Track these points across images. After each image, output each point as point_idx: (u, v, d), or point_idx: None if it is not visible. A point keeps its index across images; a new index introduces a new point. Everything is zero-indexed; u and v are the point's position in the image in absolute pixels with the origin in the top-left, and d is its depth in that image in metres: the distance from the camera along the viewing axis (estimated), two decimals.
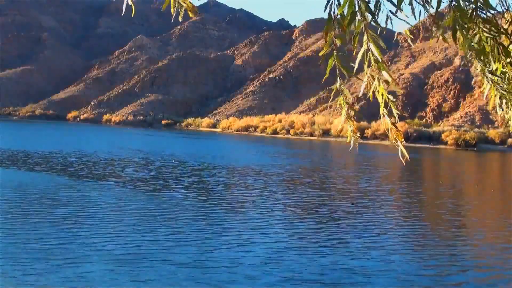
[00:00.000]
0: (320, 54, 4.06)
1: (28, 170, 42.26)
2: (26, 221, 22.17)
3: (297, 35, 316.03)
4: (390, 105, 4.12)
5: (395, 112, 4.20)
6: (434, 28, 4.39)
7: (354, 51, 4.02)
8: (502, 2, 4.64)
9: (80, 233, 20.13)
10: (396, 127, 4.22)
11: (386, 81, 4.02)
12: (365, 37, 3.82)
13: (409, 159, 4.30)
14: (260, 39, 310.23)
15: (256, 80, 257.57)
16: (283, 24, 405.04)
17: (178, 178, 40.50)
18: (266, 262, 16.80)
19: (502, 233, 24.56)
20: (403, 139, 4.32)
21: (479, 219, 28.57)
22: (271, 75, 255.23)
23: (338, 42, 3.96)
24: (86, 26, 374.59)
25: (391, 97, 4.13)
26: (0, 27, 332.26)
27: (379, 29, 3.78)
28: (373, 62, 3.96)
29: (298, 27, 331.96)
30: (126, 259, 16.41)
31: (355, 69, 4.05)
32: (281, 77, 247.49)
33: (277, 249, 18.60)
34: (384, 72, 3.98)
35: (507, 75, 4.56)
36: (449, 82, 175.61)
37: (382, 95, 3.98)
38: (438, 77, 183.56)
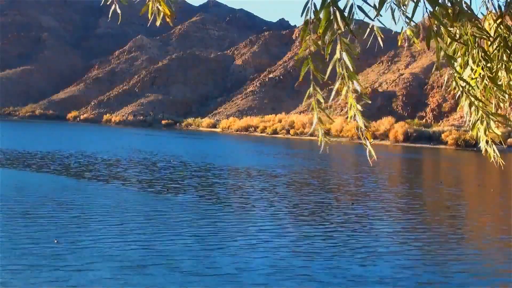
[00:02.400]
0: (296, 58, 4.14)
1: (30, 171, 42.24)
2: (28, 223, 22.14)
3: (297, 35, 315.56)
4: (357, 112, 4.25)
5: (360, 122, 4.26)
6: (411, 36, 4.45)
7: (327, 58, 4.09)
8: (486, 4, 4.63)
9: (84, 237, 20.08)
10: (366, 127, 4.30)
11: (356, 91, 4.14)
12: (338, 46, 4.01)
13: (376, 159, 4.41)
14: (260, 39, 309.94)
15: (256, 80, 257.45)
16: (283, 24, 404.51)
17: (182, 179, 40.16)
18: (273, 268, 16.54)
19: (505, 235, 24.55)
20: (372, 139, 4.39)
21: (482, 220, 28.50)
22: (271, 75, 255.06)
23: (313, 48, 4.05)
24: (86, 26, 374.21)
25: (359, 107, 4.22)
26: (0, 27, 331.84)
27: (349, 36, 4.03)
28: (344, 71, 4.09)
29: (298, 27, 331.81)
30: (132, 265, 16.18)
31: (326, 76, 4.16)
32: (281, 77, 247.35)
33: (284, 254, 18.36)
34: (354, 82, 4.13)
35: (485, 79, 4.60)
36: (449, 82, 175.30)
37: (351, 104, 4.19)
38: (438, 77, 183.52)
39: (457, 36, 4.43)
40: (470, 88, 4.49)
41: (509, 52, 4.54)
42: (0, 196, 27.59)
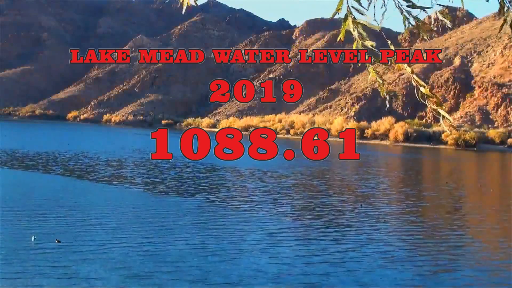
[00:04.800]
0: (332, 15, 3.88)
1: (31, 171, 42.18)
2: (29, 224, 22.10)
3: (297, 35, 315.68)
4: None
5: (424, 90, 4.02)
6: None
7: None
8: None
9: (86, 238, 19.99)
10: (434, 95, 4.07)
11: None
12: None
13: (455, 126, 4.17)
14: (260, 39, 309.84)
15: (256, 80, 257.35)
16: (283, 24, 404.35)
17: (185, 181, 39.48)
18: (281, 274, 16.03)
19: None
20: (444, 107, 4.10)
21: (493, 222, 28.29)
22: (271, 75, 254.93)
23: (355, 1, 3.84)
24: (86, 26, 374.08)
25: (408, 69, 4.03)
26: (0, 27, 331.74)
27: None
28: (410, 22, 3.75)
29: (298, 27, 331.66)
30: (134, 270, 15.80)
31: (380, 22, 3.89)
32: (281, 77, 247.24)
33: (291, 260, 17.80)
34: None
35: None
36: (449, 82, 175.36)
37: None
38: (438, 77, 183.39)
39: None
40: None
41: None
42: (0, 197, 27.54)
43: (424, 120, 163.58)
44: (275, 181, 41.63)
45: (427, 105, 4.04)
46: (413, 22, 3.81)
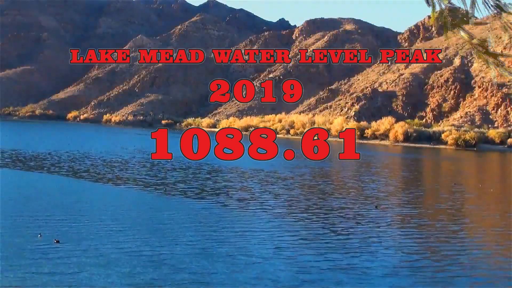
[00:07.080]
0: (431, 22, 4.02)
1: (32, 171, 42.17)
2: (29, 224, 22.07)
3: (297, 35, 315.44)
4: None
5: None
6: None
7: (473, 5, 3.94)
8: None
9: (87, 240, 19.93)
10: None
11: None
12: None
13: None
14: (260, 39, 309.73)
15: (256, 80, 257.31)
16: (283, 24, 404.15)
17: (189, 181, 39.24)
18: (289, 280, 15.68)
19: None
20: None
21: (499, 223, 28.15)
22: (271, 75, 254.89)
23: (444, 2, 3.90)
24: (86, 26, 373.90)
25: None
26: (0, 27, 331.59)
27: None
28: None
29: (298, 27, 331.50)
30: (141, 276, 15.51)
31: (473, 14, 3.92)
32: (281, 77, 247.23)
33: (301, 266, 17.34)
34: None
35: None
36: (449, 82, 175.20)
37: None
38: (438, 77, 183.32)
39: None
40: None
41: None
42: (1, 197, 27.52)
43: (424, 120, 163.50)
44: (280, 182, 41.17)
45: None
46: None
